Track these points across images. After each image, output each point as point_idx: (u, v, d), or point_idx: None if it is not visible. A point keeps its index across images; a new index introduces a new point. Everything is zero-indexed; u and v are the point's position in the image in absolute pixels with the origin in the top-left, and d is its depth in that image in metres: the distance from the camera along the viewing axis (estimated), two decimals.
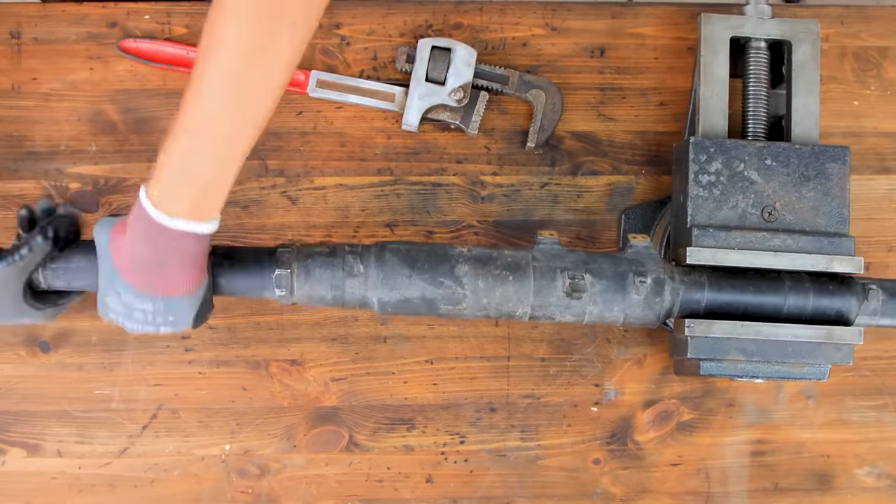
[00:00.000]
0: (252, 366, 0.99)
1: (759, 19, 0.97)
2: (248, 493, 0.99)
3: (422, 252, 0.86)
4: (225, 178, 0.77)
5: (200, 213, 0.77)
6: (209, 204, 0.77)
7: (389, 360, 1.00)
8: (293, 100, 1.01)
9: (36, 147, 1.00)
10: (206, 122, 0.73)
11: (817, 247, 0.89)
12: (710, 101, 0.95)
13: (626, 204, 1.03)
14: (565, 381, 1.01)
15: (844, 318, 0.88)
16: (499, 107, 1.03)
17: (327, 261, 0.84)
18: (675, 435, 1.01)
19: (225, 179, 0.77)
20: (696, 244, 0.89)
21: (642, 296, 0.86)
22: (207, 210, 0.77)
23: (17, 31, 1.00)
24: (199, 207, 0.76)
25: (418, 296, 0.85)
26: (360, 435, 1.00)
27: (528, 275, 0.85)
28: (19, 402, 0.98)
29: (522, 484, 1.00)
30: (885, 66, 1.05)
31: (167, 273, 0.78)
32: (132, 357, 0.98)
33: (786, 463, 1.02)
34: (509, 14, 1.03)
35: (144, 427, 0.98)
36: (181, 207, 0.75)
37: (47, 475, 0.98)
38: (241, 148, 0.76)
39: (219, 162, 0.76)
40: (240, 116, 0.74)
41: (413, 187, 1.02)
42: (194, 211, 0.76)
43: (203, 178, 0.76)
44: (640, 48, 1.04)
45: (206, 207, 0.77)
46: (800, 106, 0.96)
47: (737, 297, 0.87)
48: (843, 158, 0.92)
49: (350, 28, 1.03)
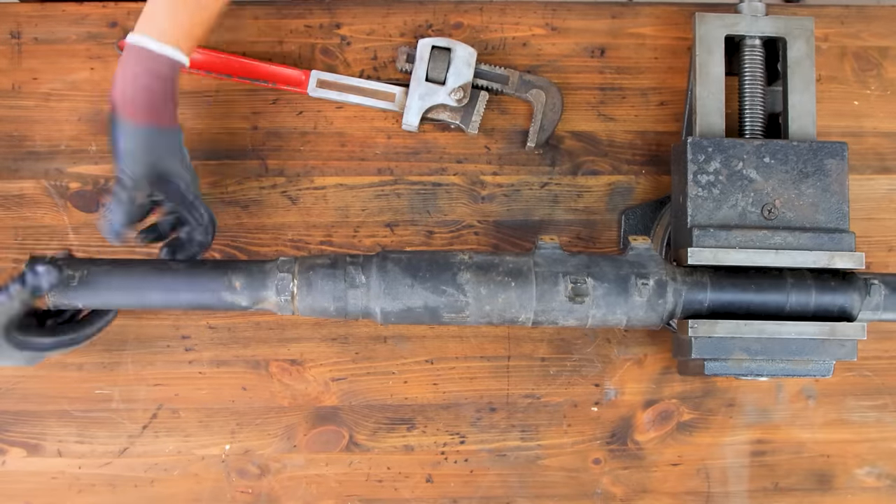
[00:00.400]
0: (252, 366, 0.99)
1: (753, 17, 0.97)
2: (248, 493, 0.99)
3: (423, 261, 0.86)
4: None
5: (170, 38, 0.83)
6: (176, 32, 0.83)
7: (389, 360, 1.00)
8: (293, 100, 1.01)
9: (36, 147, 1.00)
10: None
11: (818, 243, 0.89)
12: (706, 101, 0.95)
13: (626, 204, 1.03)
14: (565, 380, 1.01)
15: (847, 313, 0.88)
16: (499, 107, 1.03)
17: (329, 272, 0.84)
18: (675, 435, 1.01)
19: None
20: (697, 244, 0.89)
21: (645, 298, 0.86)
22: (174, 37, 0.83)
23: (17, 31, 1.00)
24: (169, 34, 0.83)
25: (421, 305, 0.85)
26: (360, 435, 0.99)
27: (531, 280, 0.85)
28: (19, 402, 0.98)
29: (522, 484, 1.00)
30: (885, 66, 1.05)
31: (152, 97, 0.84)
32: (132, 357, 0.98)
33: (786, 463, 1.02)
34: (509, 14, 1.03)
35: (144, 427, 0.98)
36: (156, 31, 0.82)
37: (47, 475, 0.98)
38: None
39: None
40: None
41: (413, 187, 1.02)
42: (165, 35, 0.83)
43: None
44: (640, 48, 1.04)
45: (175, 35, 0.83)
46: (796, 102, 0.96)
47: (739, 296, 0.87)
48: (842, 154, 0.92)
49: (350, 28, 1.03)
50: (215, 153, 1.01)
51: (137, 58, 0.83)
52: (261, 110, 1.01)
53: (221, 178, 1.00)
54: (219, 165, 1.00)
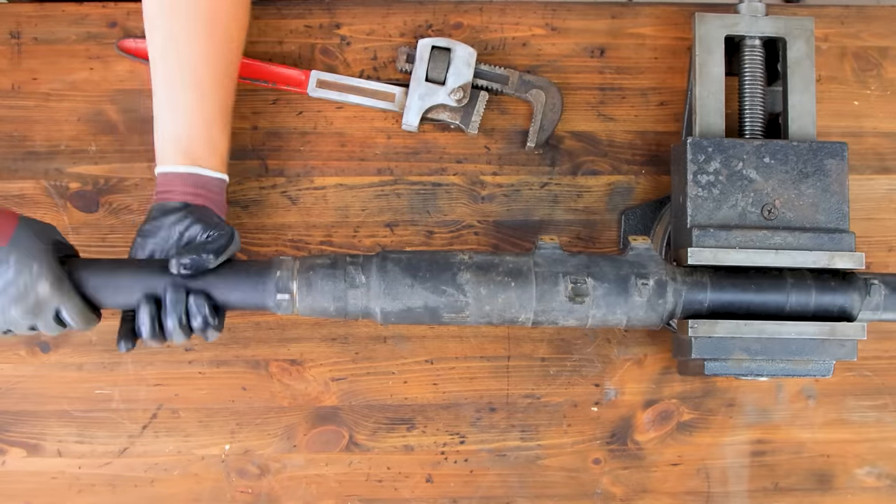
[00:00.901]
0: (252, 366, 0.99)
1: (752, 17, 0.97)
2: (248, 493, 0.99)
3: (423, 261, 0.85)
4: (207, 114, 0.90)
5: (193, 157, 0.89)
6: (194, 148, 0.89)
7: (389, 360, 1.00)
8: (293, 100, 1.01)
9: (36, 147, 1.00)
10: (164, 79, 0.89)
11: (818, 243, 0.89)
12: (706, 101, 0.95)
13: (626, 204, 1.03)
14: (565, 381, 1.01)
15: (847, 313, 0.88)
16: (499, 107, 1.03)
17: (329, 272, 0.84)
18: (675, 435, 1.01)
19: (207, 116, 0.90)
20: (697, 244, 0.89)
21: (645, 298, 0.86)
22: (199, 155, 0.89)
23: (17, 31, 1.00)
24: (188, 153, 0.89)
25: (421, 305, 0.85)
26: (360, 435, 0.99)
27: (531, 280, 0.85)
28: (19, 402, 0.98)
29: (522, 484, 1.00)
30: (885, 66, 1.05)
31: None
32: (132, 357, 0.98)
33: (786, 463, 1.02)
34: (509, 14, 1.03)
35: (144, 427, 0.98)
36: (206, 162, 0.89)
37: (47, 475, 0.98)
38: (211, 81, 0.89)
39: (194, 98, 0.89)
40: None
41: (413, 187, 1.02)
42: (187, 155, 0.89)
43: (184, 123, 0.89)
44: (640, 48, 1.04)
45: (195, 152, 0.89)
46: (796, 103, 0.96)
47: (739, 296, 0.87)
48: (842, 154, 0.92)
49: (350, 28, 1.03)
50: None
51: (196, 180, 0.89)
52: (261, 110, 1.01)
53: None
54: None
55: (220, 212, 0.90)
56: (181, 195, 0.87)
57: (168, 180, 0.88)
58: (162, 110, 0.90)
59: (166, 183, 0.88)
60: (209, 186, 0.89)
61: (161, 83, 0.89)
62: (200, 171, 0.88)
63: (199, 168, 0.88)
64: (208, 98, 0.89)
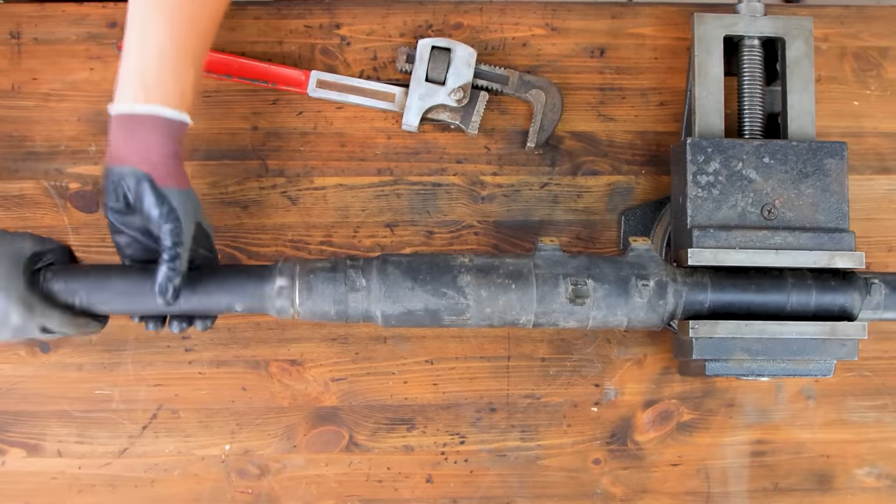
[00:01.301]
0: (252, 366, 0.99)
1: (751, 17, 0.97)
2: (248, 493, 0.99)
3: (423, 263, 0.85)
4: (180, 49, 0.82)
5: (180, 104, 0.82)
6: (165, 86, 0.82)
7: (389, 360, 1.00)
8: (293, 100, 1.01)
9: (36, 147, 1.00)
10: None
11: (818, 243, 0.89)
12: (705, 101, 0.95)
13: (626, 204, 1.03)
14: (565, 381, 1.01)
15: (848, 313, 0.88)
16: (499, 107, 1.03)
17: (329, 276, 0.84)
18: (675, 435, 1.01)
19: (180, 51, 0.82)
20: (697, 245, 0.89)
21: (645, 299, 0.86)
22: (164, 94, 0.81)
23: (17, 31, 1.00)
24: (178, 100, 0.82)
25: (421, 308, 0.85)
26: (360, 435, 0.99)
27: (531, 282, 0.85)
28: (19, 402, 0.98)
29: (522, 484, 1.00)
30: (885, 66, 1.05)
31: (180, 162, 0.84)
32: (132, 357, 0.98)
33: (786, 463, 1.02)
34: (509, 14, 1.03)
35: (144, 427, 0.98)
36: (167, 99, 0.81)
37: (47, 475, 0.98)
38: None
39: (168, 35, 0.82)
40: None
41: (413, 187, 1.02)
42: (176, 102, 0.82)
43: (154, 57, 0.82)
44: (640, 48, 1.04)
45: (161, 90, 0.81)
46: (795, 102, 0.96)
47: (740, 296, 0.87)
48: (841, 154, 0.92)
49: (350, 28, 1.03)
50: (215, 153, 1.01)
51: (154, 126, 0.82)
52: (261, 110, 1.01)
53: (221, 178, 1.00)
54: (219, 165, 1.00)
55: (173, 166, 0.83)
56: (133, 155, 0.82)
57: (124, 124, 0.82)
58: (131, 40, 0.83)
59: (122, 127, 0.82)
60: (164, 131, 0.82)
61: (139, 11, 0.83)
62: (161, 111, 0.82)
63: (159, 107, 0.81)
64: (180, 30, 0.83)
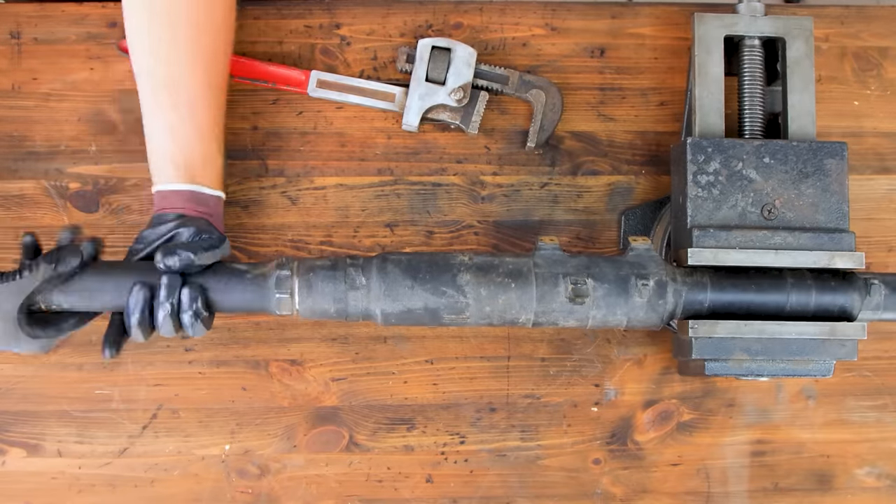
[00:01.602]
0: (252, 366, 0.99)
1: (752, 17, 0.97)
2: (248, 493, 0.99)
3: (423, 262, 0.85)
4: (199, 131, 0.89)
5: (192, 175, 0.88)
6: (190, 165, 0.88)
7: (389, 360, 1.00)
8: (293, 100, 1.01)
9: (36, 147, 1.00)
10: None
11: (818, 243, 0.89)
12: (705, 101, 0.95)
13: (626, 204, 1.03)
14: (565, 381, 1.01)
15: (847, 313, 0.88)
16: (499, 107, 1.03)
17: (329, 274, 0.84)
18: (675, 435, 1.01)
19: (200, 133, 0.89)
20: (697, 245, 0.89)
21: (645, 298, 0.86)
22: (196, 173, 0.88)
23: (17, 31, 1.00)
24: (185, 170, 0.88)
25: (421, 306, 0.85)
26: (360, 435, 1.00)
27: (531, 281, 0.85)
28: (19, 402, 0.98)
29: (522, 484, 1.00)
30: (885, 66, 1.05)
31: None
32: (132, 357, 0.98)
33: (786, 463, 1.02)
34: (509, 14, 1.03)
35: (144, 427, 0.98)
36: (206, 181, 0.89)
37: (47, 475, 0.98)
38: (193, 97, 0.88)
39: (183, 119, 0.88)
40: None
41: (413, 187, 1.02)
42: (184, 173, 0.88)
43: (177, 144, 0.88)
44: (640, 48, 1.04)
45: (192, 170, 0.88)
46: (795, 102, 0.96)
47: (739, 296, 0.87)
48: (841, 154, 0.92)
49: (350, 28, 1.03)
50: None
51: (195, 197, 0.89)
52: (261, 110, 1.01)
53: None
54: None
55: (217, 225, 0.90)
56: (180, 209, 0.87)
57: (166, 197, 0.88)
58: (154, 128, 0.89)
59: (164, 199, 0.88)
60: (207, 203, 0.89)
61: (150, 100, 0.88)
62: (199, 188, 0.88)
63: (197, 186, 0.88)
64: (200, 113, 0.89)
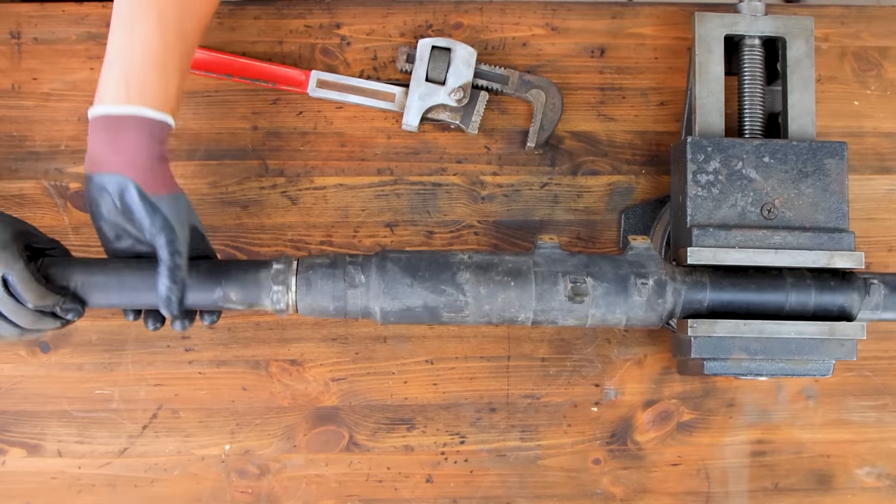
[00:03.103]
0: (252, 366, 0.99)
1: (752, 17, 0.97)
2: (248, 493, 0.99)
3: (423, 260, 0.85)
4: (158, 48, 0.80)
5: (164, 106, 0.80)
6: (169, 100, 0.81)
7: (389, 360, 1.00)
8: (293, 100, 1.01)
9: (36, 147, 1.00)
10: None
11: (818, 243, 0.89)
12: (706, 100, 0.95)
13: (626, 204, 1.03)
14: (565, 381, 1.01)
15: (847, 313, 0.88)
16: (499, 107, 1.03)
17: (328, 272, 0.84)
18: (675, 435, 1.01)
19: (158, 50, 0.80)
20: (697, 244, 0.89)
21: (644, 297, 0.86)
22: (147, 95, 0.79)
23: (17, 31, 1.01)
24: (162, 101, 0.80)
25: (420, 304, 0.85)
26: (360, 435, 0.99)
27: (530, 280, 0.85)
28: (19, 402, 0.98)
29: (522, 484, 1.00)
30: (885, 66, 1.05)
31: (166, 165, 0.81)
32: (132, 357, 0.98)
33: (786, 463, 1.02)
34: (509, 14, 1.03)
35: (144, 427, 0.98)
36: (151, 100, 0.79)
37: (47, 475, 0.98)
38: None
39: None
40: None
41: (413, 187, 1.02)
42: (160, 104, 0.80)
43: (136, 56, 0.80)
44: (640, 48, 1.04)
45: (145, 91, 0.79)
46: (795, 102, 0.96)
47: (739, 295, 0.87)
48: (841, 154, 0.92)
49: (350, 28, 1.03)
50: (215, 153, 1.01)
51: (137, 128, 0.79)
52: (261, 110, 1.01)
53: (221, 178, 1.00)
54: (219, 165, 1.00)
55: (157, 171, 0.80)
56: (115, 161, 0.78)
57: (106, 126, 0.79)
58: (115, 43, 0.81)
59: (103, 130, 0.79)
60: (148, 132, 0.80)
61: (125, 16, 0.81)
62: (145, 112, 0.79)
63: (143, 109, 0.79)
64: (165, 31, 0.81)
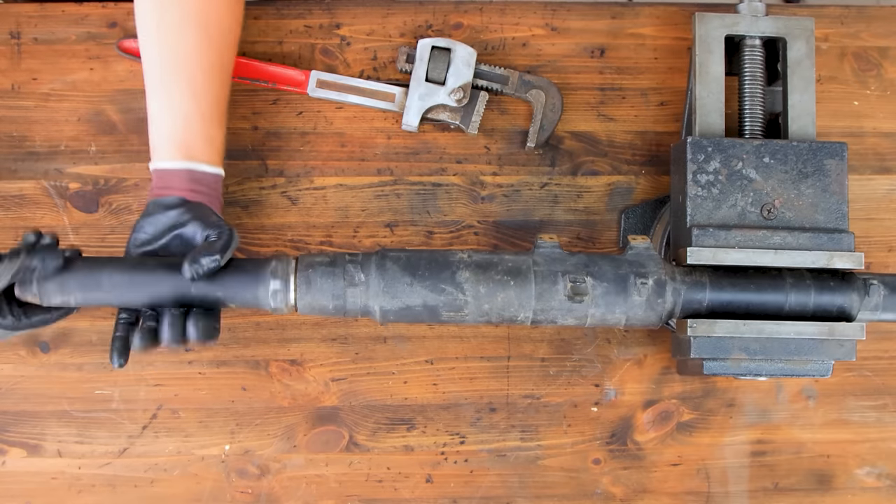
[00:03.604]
0: (252, 366, 0.99)
1: (753, 17, 0.97)
2: (248, 493, 0.99)
3: (422, 259, 0.85)
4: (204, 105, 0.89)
5: (190, 153, 0.88)
6: (190, 144, 0.88)
7: (389, 360, 1.00)
8: (293, 100, 1.01)
9: (36, 147, 1.00)
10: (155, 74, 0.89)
11: (817, 243, 0.89)
12: (706, 101, 0.95)
13: (626, 204, 1.03)
14: (565, 381, 1.01)
15: (846, 313, 0.88)
16: (499, 107, 1.03)
17: (328, 270, 0.84)
18: (675, 435, 1.01)
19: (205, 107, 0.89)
20: (697, 244, 0.89)
21: (644, 297, 0.86)
22: (195, 151, 0.88)
23: (17, 31, 1.01)
24: (185, 148, 0.88)
25: (420, 303, 0.85)
26: (360, 435, 0.99)
27: (530, 279, 0.85)
28: (19, 402, 0.98)
29: (522, 484, 1.00)
30: (885, 66, 1.05)
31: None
32: (132, 357, 0.98)
33: (786, 463, 1.02)
34: (509, 14, 1.03)
35: (144, 427, 0.98)
36: (204, 157, 0.89)
37: (47, 475, 0.98)
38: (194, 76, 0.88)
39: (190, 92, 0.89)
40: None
41: (413, 187, 1.02)
42: (183, 151, 0.88)
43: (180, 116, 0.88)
44: (640, 48, 1.04)
45: (192, 148, 0.88)
46: (796, 103, 0.96)
47: (738, 295, 0.87)
48: (841, 154, 0.92)
49: (350, 28, 1.03)
50: None
51: (193, 176, 0.88)
52: (261, 110, 1.01)
53: None
54: None
55: (216, 208, 0.89)
56: (178, 191, 0.87)
57: (164, 176, 0.88)
58: (155, 105, 0.88)
59: (162, 179, 0.88)
60: (206, 182, 0.89)
61: (154, 77, 0.88)
62: (197, 166, 0.88)
63: (195, 164, 0.88)
64: (202, 91, 0.88)
